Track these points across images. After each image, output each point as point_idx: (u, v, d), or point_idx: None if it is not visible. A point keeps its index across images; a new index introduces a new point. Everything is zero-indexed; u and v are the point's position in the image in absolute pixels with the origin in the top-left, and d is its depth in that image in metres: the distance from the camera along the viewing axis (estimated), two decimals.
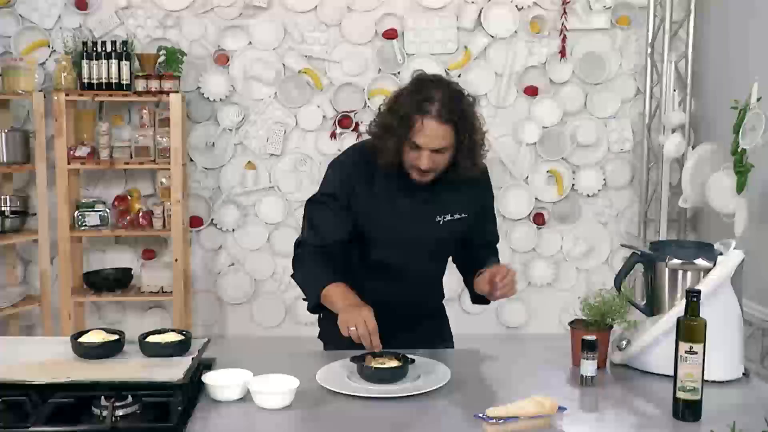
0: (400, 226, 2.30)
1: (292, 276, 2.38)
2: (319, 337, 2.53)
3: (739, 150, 3.58)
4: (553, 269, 4.96)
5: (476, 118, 2.23)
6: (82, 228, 4.41)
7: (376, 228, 2.31)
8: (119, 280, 4.53)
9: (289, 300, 4.88)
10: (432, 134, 2.11)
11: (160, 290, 4.53)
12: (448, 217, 2.32)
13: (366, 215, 2.30)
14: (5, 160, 4.28)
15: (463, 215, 2.34)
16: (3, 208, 4.39)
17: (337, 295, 2.17)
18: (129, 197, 4.59)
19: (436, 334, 2.51)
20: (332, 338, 2.41)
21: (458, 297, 4.91)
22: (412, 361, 1.97)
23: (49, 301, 4.45)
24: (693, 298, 1.72)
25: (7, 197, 4.43)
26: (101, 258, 4.83)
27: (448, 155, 2.19)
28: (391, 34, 4.73)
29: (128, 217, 4.49)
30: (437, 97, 2.12)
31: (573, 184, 4.91)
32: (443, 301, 2.62)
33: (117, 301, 4.76)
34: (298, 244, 2.37)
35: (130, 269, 4.67)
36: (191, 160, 4.78)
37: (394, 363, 1.96)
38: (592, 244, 4.95)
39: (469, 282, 2.44)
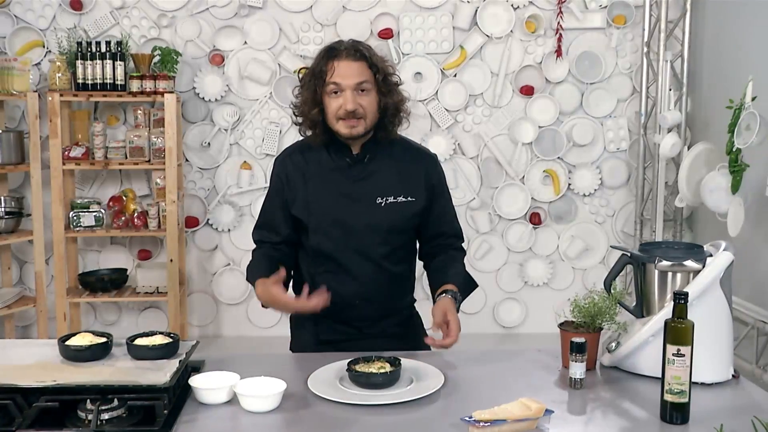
0: (337, 207, 2.27)
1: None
2: (290, 348, 2.49)
3: (734, 149, 3.57)
4: (550, 269, 4.96)
5: (387, 61, 2.30)
6: (77, 229, 4.41)
7: (314, 211, 2.29)
8: (114, 281, 4.52)
9: None
10: (347, 71, 2.19)
11: (155, 291, 4.53)
12: (391, 200, 2.27)
13: (303, 201, 2.30)
14: (0, 160, 4.27)
15: (409, 199, 2.28)
16: None
17: (258, 292, 2.22)
18: (124, 198, 4.58)
19: (408, 338, 2.38)
20: (300, 346, 2.42)
21: None
22: (399, 362, 1.95)
23: (45, 301, 4.45)
24: (680, 300, 1.71)
25: (2, 198, 4.42)
26: (96, 258, 4.83)
27: (372, 98, 2.23)
28: (386, 34, 4.72)
29: (123, 218, 4.48)
30: (343, 45, 2.25)
31: (569, 184, 4.91)
32: (414, 304, 2.50)
33: (112, 302, 4.75)
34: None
35: (126, 270, 4.67)
36: (187, 160, 4.78)
37: (386, 368, 1.94)
38: (589, 243, 4.95)
39: (432, 284, 2.37)
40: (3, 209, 4.40)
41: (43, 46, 4.62)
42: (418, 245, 2.45)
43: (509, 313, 5.01)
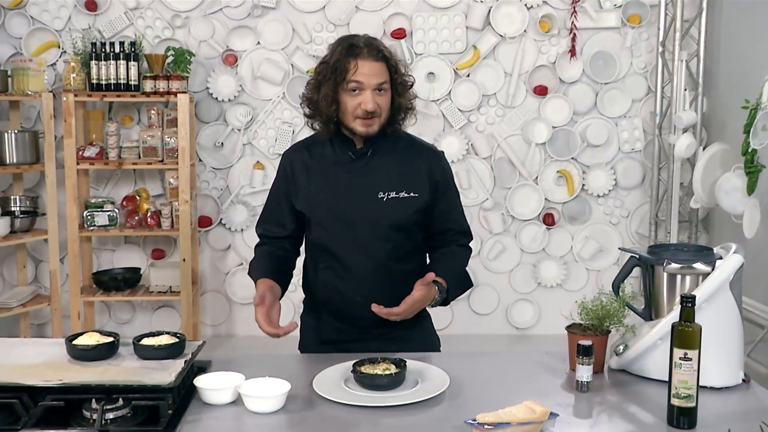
0: (338, 201, 2.25)
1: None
2: (298, 348, 2.47)
3: (749, 150, 3.53)
4: (563, 270, 4.93)
5: (402, 61, 2.29)
6: (91, 228, 4.44)
7: (315, 205, 2.27)
8: (128, 280, 4.54)
9: (297, 300, 4.85)
10: (370, 71, 2.16)
11: (168, 290, 4.54)
12: (393, 195, 2.24)
13: (306, 195, 2.29)
14: (15, 160, 4.31)
15: (412, 194, 2.26)
16: (13, 208, 4.44)
17: (258, 295, 2.22)
18: (137, 197, 4.60)
19: (415, 341, 2.34)
20: (307, 346, 2.42)
21: (467, 297, 4.91)
22: (404, 364, 1.94)
23: (59, 300, 4.48)
24: (687, 303, 1.69)
25: (17, 197, 4.48)
26: (110, 258, 4.86)
27: (388, 97, 2.22)
28: (399, 34, 4.71)
29: (137, 217, 4.51)
30: (362, 41, 2.21)
31: (583, 184, 4.88)
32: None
33: (126, 301, 4.78)
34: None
35: (139, 269, 4.69)
36: (200, 160, 4.80)
37: (391, 369, 1.93)
38: (603, 244, 4.91)
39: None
40: (18, 208, 4.45)
41: (59, 47, 4.65)
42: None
43: (522, 314, 4.99)
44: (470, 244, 2.43)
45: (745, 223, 3.60)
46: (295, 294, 2.45)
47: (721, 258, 1.97)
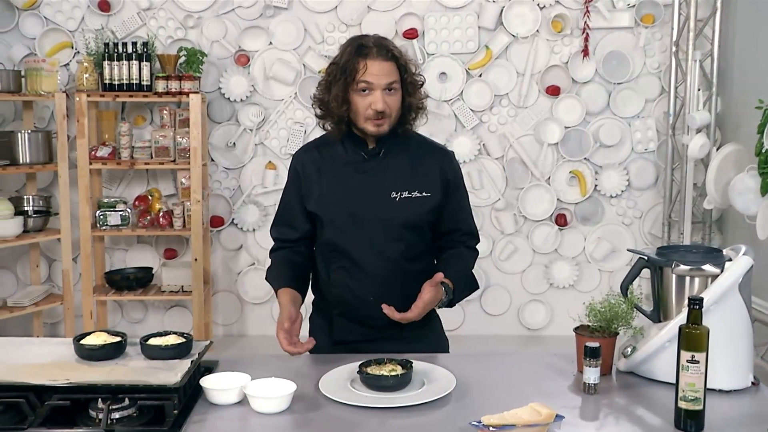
0: (351, 200, 2.25)
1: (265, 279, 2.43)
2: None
3: (763, 151, 3.51)
4: (575, 271, 4.91)
5: (412, 60, 2.29)
6: (104, 227, 4.46)
7: (327, 204, 2.27)
8: (140, 280, 4.57)
9: (309, 300, 4.87)
10: (379, 71, 2.17)
11: (180, 289, 4.56)
12: (406, 195, 2.25)
13: (318, 195, 2.28)
14: (28, 160, 4.34)
15: (424, 194, 2.26)
16: (26, 208, 4.47)
17: (280, 305, 2.24)
18: (150, 197, 4.62)
19: (426, 341, 2.35)
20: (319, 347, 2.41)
21: (479, 298, 4.89)
22: (410, 365, 1.94)
23: (72, 299, 4.51)
24: (695, 306, 1.67)
25: (31, 197, 4.51)
26: (123, 257, 4.88)
27: (398, 97, 2.22)
28: (411, 34, 4.71)
29: (149, 217, 4.53)
30: (371, 41, 2.21)
31: (596, 185, 4.85)
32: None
33: (138, 300, 4.80)
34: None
35: (151, 268, 4.71)
36: (212, 160, 4.81)
37: (397, 370, 1.92)
38: (615, 245, 4.88)
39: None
40: (31, 208, 4.48)
41: (72, 47, 4.68)
42: None
43: (534, 315, 4.97)
44: (477, 246, 2.43)
45: (759, 224, 3.57)
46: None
47: (730, 260, 1.95)
